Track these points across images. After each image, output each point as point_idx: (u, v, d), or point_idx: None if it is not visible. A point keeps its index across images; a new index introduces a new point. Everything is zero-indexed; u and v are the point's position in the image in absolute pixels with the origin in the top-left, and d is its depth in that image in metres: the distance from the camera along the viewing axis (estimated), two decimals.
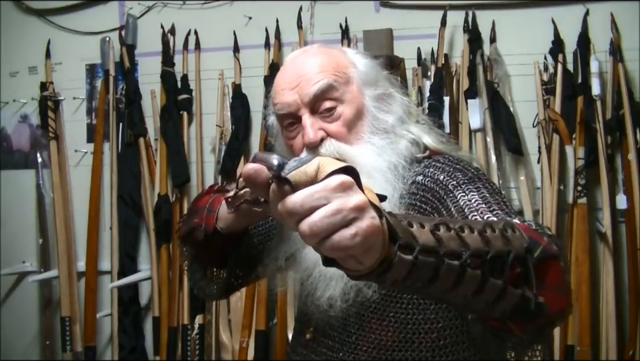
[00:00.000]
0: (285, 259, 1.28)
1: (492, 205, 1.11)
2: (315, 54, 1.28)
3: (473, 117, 2.69)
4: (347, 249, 0.69)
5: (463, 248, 0.78)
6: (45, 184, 3.28)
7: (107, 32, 3.20)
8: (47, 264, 3.26)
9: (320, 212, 0.68)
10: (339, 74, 1.25)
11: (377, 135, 1.25)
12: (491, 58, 2.73)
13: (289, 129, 1.27)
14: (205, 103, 3.09)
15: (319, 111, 1.23)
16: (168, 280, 3.02)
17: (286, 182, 0.71)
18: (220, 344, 2.97)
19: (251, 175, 0.75)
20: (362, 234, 0.69)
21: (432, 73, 2.76)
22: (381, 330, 1.22)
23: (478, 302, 0.82)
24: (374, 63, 1.33)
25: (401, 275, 0.74)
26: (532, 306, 0.84)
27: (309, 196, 0.69)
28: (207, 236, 1.27)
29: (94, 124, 3.23)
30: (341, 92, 1.24)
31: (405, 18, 2.88)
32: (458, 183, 1.17)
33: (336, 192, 0.69)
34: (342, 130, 1.23)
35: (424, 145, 1.29)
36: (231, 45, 3.02)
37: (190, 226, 1.31)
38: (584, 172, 2.57)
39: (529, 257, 0.85)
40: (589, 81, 2.59)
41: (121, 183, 3.12)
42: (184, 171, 3.01)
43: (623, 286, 2.59)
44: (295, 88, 1.23)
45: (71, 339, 3.15)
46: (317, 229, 0.68)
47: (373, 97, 1.28)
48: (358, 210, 0.69)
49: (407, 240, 0.74)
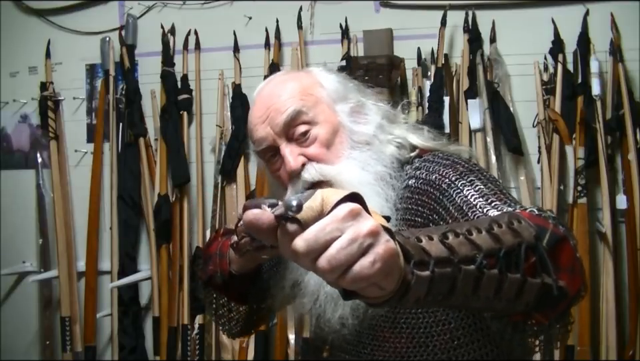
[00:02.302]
0: (291, 287, 1.27)
1: (489, 197, 1.10)
2: (279, 82, 1.28)
3: (473, 117, 2.69)
4: (369, 278, 0.68)
5: (476, 250, 0.77)
6: (45, 184, 3.28)
7: (106, 32, 3.20)
8: (46, 264, 3.26)
9: (336, 245, 0.67)
10: (306, 97, 1.24)
11: (358, 149, 1.24)
12: (491, 58, 2.73)
13: (272, 162, 1.27)
14: (205, 103, 3.09)
15: (294, 137, 1.23)
16: (168, 280, 3.02)
17: (294, 221, 0.69)
18: (220, 344, 2.97)
19: (253, 222, 0.71)
20: (380, 259, 0.68)
21: (432, 73, 2.76)
22: (395, 338, 1.22)
23: (500, 301, 0.81)
24: (341, 77, 1.32)
25: (422, 292, 0.73)
26: (554, 291, 0.84)
27: (321, 230, 0.67)
28: (225, 280, 1.29)
29: (94, 124, 3.23)
30: (312, 114, 1.23)
31: (405, 18, 2.88)
32: (451, 181, 1.16)
33: (347, 222, 0.68)
34: (320, 151, 1.22)
35: (411, 145, 1.28)
36: (231, 45, 3.02)
37: (208, 275, 1.33)
38: (584, 172, 2.57)
39: (540, 244, 0.84)
40: (589, 81, 2.59)
41: (121, 183, 3.12)
42: (184, 171, 3.01)
43: (623, 286, 2.59)
44: (265, 121, 1.23)
45: (71, 339, 3.15)
46: (336, 263, 0.67)
47: (346, 112, 1.26)
48: (372, 235, 0.68)
49: (420, 257, 0.73)
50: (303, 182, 1.21)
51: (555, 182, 2.62)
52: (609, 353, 2.51)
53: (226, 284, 1.30)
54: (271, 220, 0.70)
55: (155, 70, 3.10)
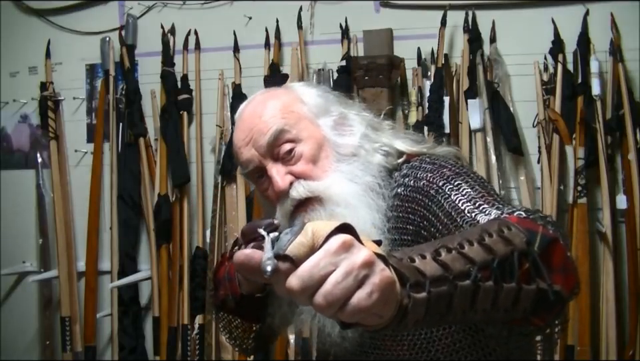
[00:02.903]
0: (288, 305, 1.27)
1: (477, 200, 1.10)
2: (260, 102, 1.27)
3: (473, 117, 2.69)
4: (367, 309, 0.67)
5: (469, 264, 0.77)
6: (45, 184, 3.28)
7: (106, 32, 3.20)
8: (47, 264, 3.26)
9: (331, 280, 0.66)
10: (288, 115, 1.24)
11: (344, 161, 1.23)
12: (491, 58, 2.73)
13: (260, 182, 1.27)
14: (205, 103, 3.09)
15: (280, 156, 1.22)
16: (168, 280, 3.02)
17: (285, 259, 0.68)
18: (220, 344, 2.97)
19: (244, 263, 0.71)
20: (377, 290, 0.67)
21: (432, 73, 2.76)
22: (396, 346, 1.21)
23: (497, 311, 0.81)
24: (322, 91, 1.32)
25: (420, 314, 0.73)
26: (550, 296, 0.84)
27: (315, 266, 0.67)
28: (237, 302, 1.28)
29: (94, 124, 3.23)
30: (295, 132, 1.23)
31: (405, 18, 2.87)
32: (438, 186, 1.16)
33: (340, 254, 0.67)
34: (307, 167, 1.22)
35: (398, 151, 1.28)
36: (231, 45, 3.02)
37: (220, 299, 1.33)
38: (584, 172, 2.57)
39: (532, 249, 0.84)
40: (589, 81, 2.58)
41: (120, 183, 3.12)
42: (184, 171, 3.01)
43: (623, 286, 2.58)
44: (249, 144, 1.23)
45: (71, 339, 3.15)
46: (332, 298, 0.66)
47: (330, 125, 1.26)
48: (367, 265, 0.67)
49: (415, 278, 0.73)
50: (292, 200, 1.21)
51: (555, 182, 2.62)
52: (609, 353, 2.51)
53: (238, 305, 1.29)
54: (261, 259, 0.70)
55: (155, 70, 3.10)
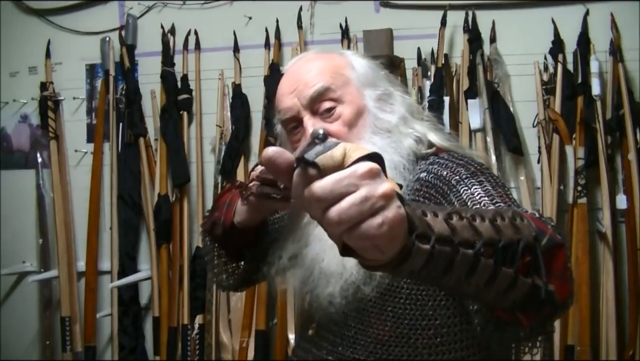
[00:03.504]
0: (289, 258, 1.30)
1: (494, 198, 1.11)
2: (312, 59, 1.32)
3: (472, 117, 2.69)
4: (374, 238, 0.68)
5: (476, 236, 0.78)
6: (45, 184, 3.28)
7: (107, 32, 3.20)
8: (46, 264, 3.26)
9: (349, 199, 0.67)
10: (336, 76, 1.28)
11: (379, 135, 1.27)
12: (491, 58, 2.73)
13: (293, 132, 1.30)
14: (205, 103, 3.09)
15: (319, 112, 1.26)
16: (168, 280, 3.02)
17: (313, 166, 0.68)
18: (220, 344, 2.97)
19: (272, 158, 0.71)
20: (389, 223, 0.68)
21: (432, 73, 2.75)
22: (379, 325, 1.23)
23: (489, 292, 0.82)
24: (373, 64, 1.36)
25: (418, 265, 0.74)
26: (542, 294, 0.84)
27: (338, 182, 0.67)
28: (225, 230, 1.32)
29: (94, 124, 3.23)
30: (339, 93, 1.26)
31: (405, 18, 2.88)
32: (461, 178, 1.18)
33: (364, 179, 0.68)
34: (342, 129, 1.25)
35: (429, 142, 1.30)
36: (231, 45, 3.02)
37: (212, 221, 1.37)
38: (584, 172, 2.57)
39: (537, 245, 0.85)
40: (589, 81, 2.59)
41: (120, 183, 3.12)
42: (184, 171, 3.01)
43: (623, 286, 2.59)
44: (293, 93, 1.27)
45: (71, 339, 3.15)
46: (345, 217, 0.67)
47: (374, 97, 1.30)
48: (385, 198, 0.68)
49: (423, 230, 0.73)
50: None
51: (555, 182, 2.62)
52: (609, 353, 2.51)
53: (226, 234, 1.34)
54: (290, 159, 0.71)
55: (155, 70, 3.10)
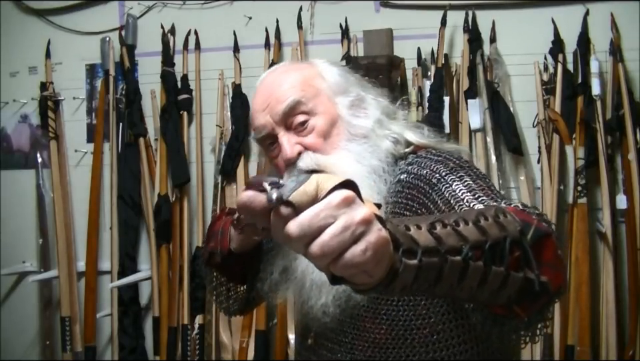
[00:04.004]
0: (280, 273, 1.30)
1: (476, 192, 1.12)
2: (281, 72, 1.32)
3: (472, 117, 2.69)
4: (360, 265, 0.69)
5: (462, 242, 0.78)
6: (45, 184, 3.28)
7: (107, 32, 3.20)
8: (47, 264, 3.26)
9: (329, 231, 0.68)
10: (306, 88, 1.27)
11: (354, 141, 1.26)
12: (491, 58, 2.73)
13: (270, 149, 1.30)
14: (205, 103, 3.09)
15: (292, 127, 1.26)
16: (168, 280, 3.02)
17: (288, 204, 0.69)
18: (220, 344, 2.97)
19: (246, 203, 0.73)
20: (372, 248, 0.69)
21: (432, 73, 2.76)
22: (374, 329, 1.24)
23: (483, 292, 0.82)
24: (343, 70, 1.35)
25: (408, 281, 0.75)
26: (536, 286, 0.85)
27: (315, 216, 0.68)
28: (224, 257, 1.32)
29: (94, 124, 3.23)
30: (311, 105, 1.26)
31: (405, 18, 2.88)
32: (441, 175, 1.18)
33: (340, 209, 0.69)
34: (317, 141, 1.25)
35: (407, 141, 1.30)
36: (231, 45, 3.02)
37: (208, 251, 1.37)
38: (584, 172, 2.57)
39: (524, 239, 0.86)
40: (589, 81, 2.59)
41: (121, 183, 3.12)
42: (184, 171, 3.01)
43: (623, 286, 2.59)
44: (265, 110, 1.27)
45: (71, 339, 3.15)
46: (328, 249, 0.68)
47: (346, 105, 1.29)
48: (365, 223, 0.69)
49: (408, 245, 0.74)
50: (299, 170, 1.24)
51: (555, 182, 2.62)
52: (609, 353, 2.51)
53: (225, 261, 1.34)
54: (264, 202, 0.71)
55: (155, 70, 3.10)
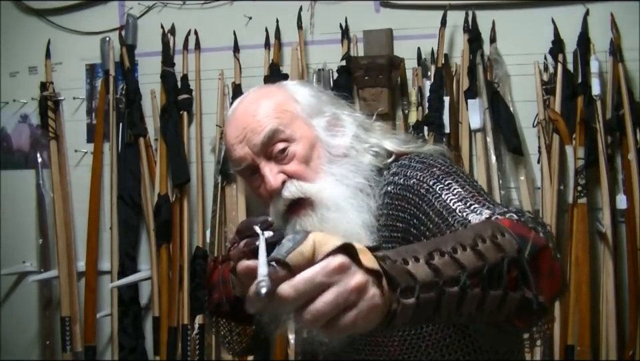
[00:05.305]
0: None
1: (468, 200, 1.11)
2: (254, 100, 1.27)
3: (472, 117, 2.69)
4: (350, 331, 0.70)
5: (460, 270, 0.79)
6: (45, 184, 3.28)
7: (107, 32, 3.20)
8: (47, 264, 3.26)
9: (322, 299, 0.68)
10: (281, 114, 1.24)
11: (336, 163, 1.25)
12: (491, 58, 2.73)
13: (252, 180, 1.27)
14: (205, 103, 3.09)
15: (273, 155, 1.23)
16: (168, 280, 3.02)
17: (284, 266, 0.69)
18: (220, 344, 2.97)
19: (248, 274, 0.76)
20: (363, 316, 0.70)
21: (432, 73, 2.75)
22: (387, 341, 1.22)
23: (482, 314, 0.83)
24: (315, 90, 1.33)
25: (407, 318, 0.75)
26: (534, 306, 0.85)
27: (310, 281, 0.68)
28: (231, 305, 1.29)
29: (94, 124, 3.23)
30: (289, 132, 1.23)
31: (405, 18, 2.87)
32: (429, 185, 1.17)
33: (335, 275, 0.69)
34: (299, 168, 1.23)
35: (387, 151, 1.29)
36: (231, 45, 3.02)
37: (215, 304, 1.34)
38: (584, 172, 2.57)
39: (522, 257, 0.86)
40: (589, 81, 2.58)
41: (121, 183, 3.11)
42: (184, 171, 3.00)
43: (623, 286, 2.58)
44: (243, 142, 1.24)
45: (71, 339, 3.15)
46: (320, 316, 0.68)
47: (323, 126, 1.27)
48: (359, 291, 0.70)
49: (407, 283, 0.75)
50: (284, 199, 1.22)
51: (555, 182, 2.62)
52: (609, 353, 2.51)
53: (233, 308, 1.30)
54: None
55: (155, 70, 3.10)
